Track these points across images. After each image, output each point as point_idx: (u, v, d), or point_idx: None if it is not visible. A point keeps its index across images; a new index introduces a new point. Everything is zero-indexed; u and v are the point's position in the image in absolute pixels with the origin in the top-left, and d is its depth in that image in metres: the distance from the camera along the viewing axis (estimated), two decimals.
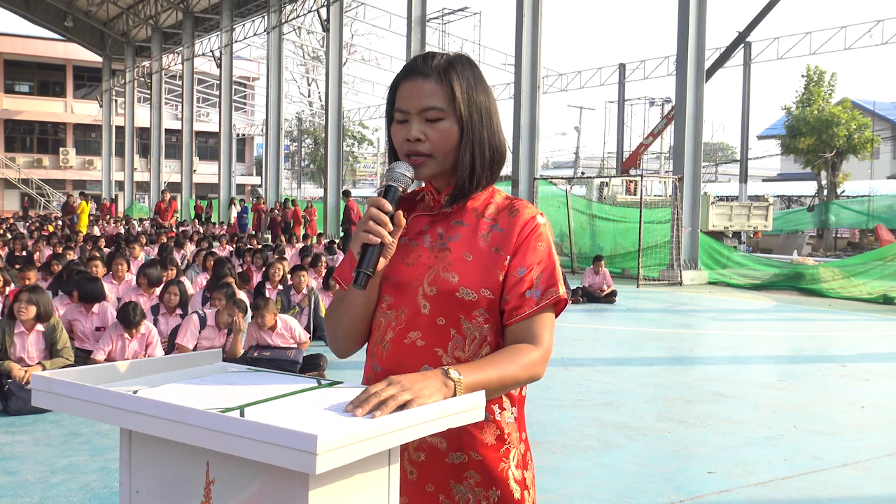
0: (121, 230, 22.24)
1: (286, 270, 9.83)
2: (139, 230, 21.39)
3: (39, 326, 6.01)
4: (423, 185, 1.77)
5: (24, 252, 13.42)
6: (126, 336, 6.38)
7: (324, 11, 25.67)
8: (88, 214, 22.77)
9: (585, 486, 4.36)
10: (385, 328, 1.66)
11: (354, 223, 19.16)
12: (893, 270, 14.12)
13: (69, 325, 6.86)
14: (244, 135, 53.71)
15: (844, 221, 27.82)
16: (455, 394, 1.42)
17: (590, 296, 12.75)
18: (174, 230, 21.69)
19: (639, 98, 46.08)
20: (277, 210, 24.70)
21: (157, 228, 22.36)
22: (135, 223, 26.17)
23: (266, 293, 9.12)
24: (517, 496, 1.64)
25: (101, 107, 41.95)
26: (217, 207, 32.32)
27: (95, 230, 21.51)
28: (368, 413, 1.28)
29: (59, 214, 28.15)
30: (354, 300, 1.66)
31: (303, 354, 7.03)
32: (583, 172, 44.00)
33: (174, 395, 1.36)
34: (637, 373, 7.54)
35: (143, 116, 41.72)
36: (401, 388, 1.34)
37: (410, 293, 1.64)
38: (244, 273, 10.54)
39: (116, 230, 22.26)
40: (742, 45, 26.18)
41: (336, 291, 1.80)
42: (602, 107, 79.57)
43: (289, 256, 13.65)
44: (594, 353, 8.51)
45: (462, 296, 1.61)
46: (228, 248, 15.69)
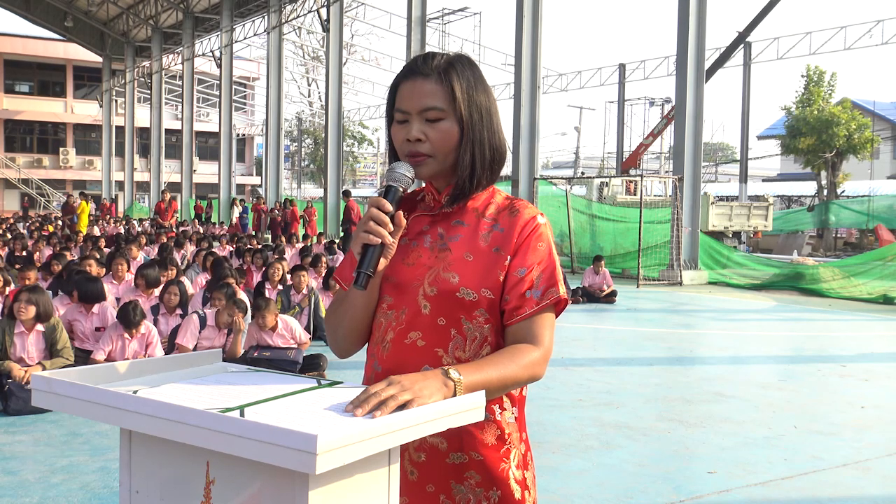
0: (121, 230, 22.24)
1: (286, 270, 9.84)
2: (139, 230, 21.39)
3: (39, 326, 6.01)
4: (424, 186, 1.77)
5: (24, 252, 13.42)
6: (126, 336, 6.38)
7: (324, 11, 25.66)
8: (88, 214, 22.78)
9: (585, 486, 4.36)
10: (385, 328, 1.66)
11: (354, 223, 19.16)
12: (893, 270, 14.12)
13: (69, 325, 6.86)
14: (244, 135, 53.70)
15: (844, 221, 27.82)
16: (455, 394, 1.42)
17: (590, 296, 12.76)
18: (174, 230, 21.69)
19: (639, 98, 46.09)
20: (277, 210, 24.70)
21: (157, 228, 22.36)
22: (135, 223, 26.16)
23: (266, 293, 9.13)
24: (518, 496, 1.64)
25: (101, 107, 41.95)
26: (217, 207, 32.31)
27: (95, 230, 21.50)
28: (368, 413, 1.28)
29: (59, 214, 28.15)
30: (355, 300, 1.66)
31: (303, 355, 7.03)
32: (583, 172, 43.99)
33: (174, 395, 1.36)
34: (637, 373, 7.54)
35: (143, 116, 41.72)
36: (401, 388, 1.34)
37: (411, 293, 1.64)
38: (240, 268, 10.54)
39: (116, 230, 22.26)
40: (742, 45, 26.18)
41: (336, 291, 1.80)
42: (602, 107, 79.62)
43: (289, 256, 13.66)
44: (594, 353, 8.51)
45: (462, 296, 1.61)
46: (228, 248, 15.69)
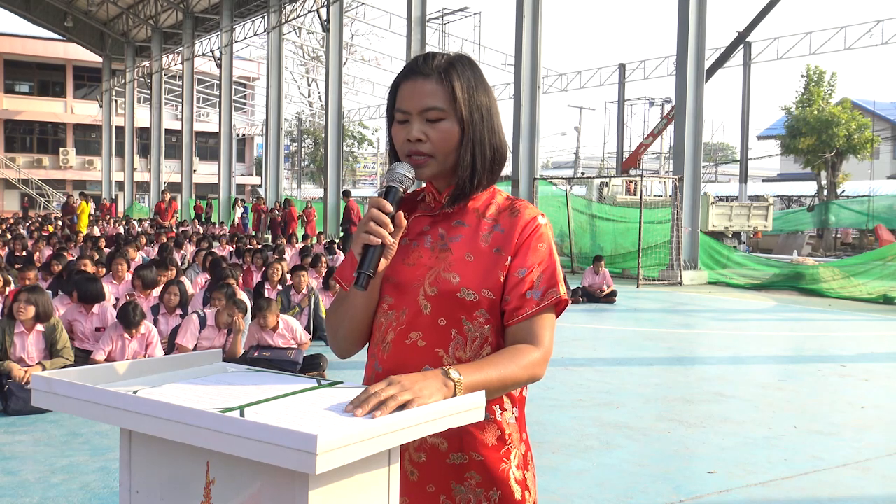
0: (121, 230, 22.24)
1: (285, 271, 9.83)
2: (139, 230, 21.39)
3: (39, 326, 6.01)
4: (424, 186, 1.77)
5: (24, 252, 13.42)
6: (126, 336, 6.38)
7: (324, 11, 25.66)
8: (88, 215, 22.78)
9: (585, 486, 4.36)
10: (386, 329, 1.66)
11: (354, 223, 19.15)
12: (893, 270, 14.12)
13: (69, 326, 6.86)
14: (244, 135, 53.69)
15: (844, 221, 27.82)
16: (455, 394, 1.42)
17: (590, 296, 12.76)
18: (174, 230, 21.69)
19: (639, 98, 46.09)
20: (277, 210, 24.70)
21: (158, 228, 22.37)
22: (135, 223, 26.16)
23: (265, 293, 9.12)
24: (518, 496, 1.64)
25: (101, 107, 41.95)
26: (217, 207, 32.31)
27: (95, 230, 21.50)
28: (368, 413, 1.28)
29: (59, 215, 28.14)
30: (355, 301, 1.66)
31: (303, 355, 7.03)
32: (583, 172, 43.99)
33: (174, 395, 1.35)
34: (637, 373, 7.54)
35: (143, 116, 41.71)
36: (401, 388, 1.33)
37: (411, 294, 1.64)
38: (235, 264, 10.53)
39: (116, 230, 22.26)
40: (742, 45, 26.18)
41: (337, 292, 1.80)
42: (602, 107, 79.57)
43: (289, 256, 13.66)
44: (594, 353, 8.51)
45: (463, 296, 1.60)
46: (228, 248, 15.69)
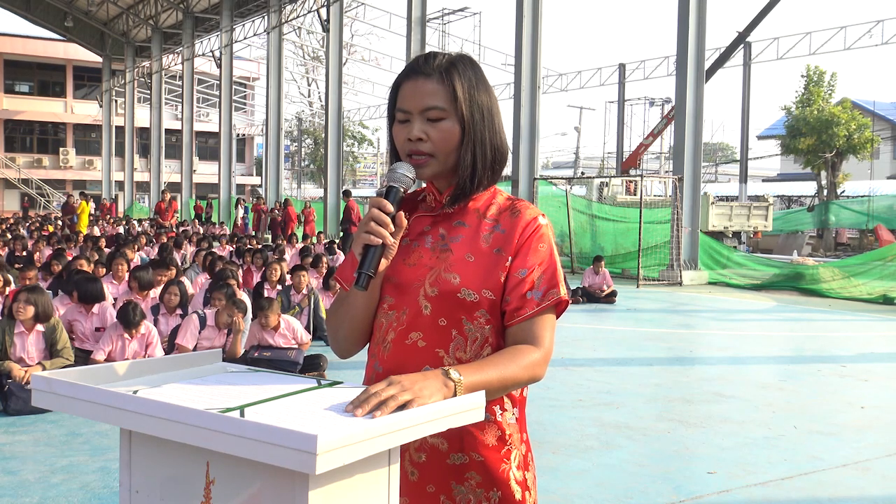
0: (121, 230, 22.24)
1: (284, 271, 9.82)
2: (139, 230, 21.39)
3: (39, 326, 6.01)
4: (425, 186, 1.76)
5: (25, 252, 13.42)
6: (126, 336, 6.38)
7: (324, 11, 25.67)
8: (88, 214, 22.78)
9: (585, 486, 4.36)
10: (386, 329, 1.66)
11: (354, 223, 19.15)
12: (893, 270, 14.12)
13: (69, 326, 6.86)
14: (244, 135, 53.70)
15: (844, 221, 27.82)
16: (455, 394, 1.42)
17: (590, 296, 12.76)
18: (174, 230, 21.69)
19: (639, 98, 46.09)
20: (277, 210, 24.70)
21: (158, 228, 22.37)
22: (135, 223, 26.16)
23: (265, 293, 9.12)
24: (518, 497, 1.63)
25: (101, 107, 41.95)
26: (217, 207, 32.31)
27: (95, 230, 21.51)
28: (368, 413, 1.28)
29: (60, 214, 28.15)
30: (356, 301, 1.66)
31: (303, 355, 7.03)
32: (583, 172, 43.99)
33: (174, 395, 1.35)
34: (637, 373, 7.54)
35: (143, 116, 41.72)
36: (401, 389, 1.33)
37: (412, 294, 1.63)
38: (234, 263, 10.53)
39: (116, 230, 22.26)
40: (742, 45, 26.18)
41: (337, 292, 1.80)
42: (602, 107, 79.49)
43: (289, 257, 13.65)
44: (594, 353, 8.51)
45: (463, 296, 1.60)
46: (228, 248, 15.69)
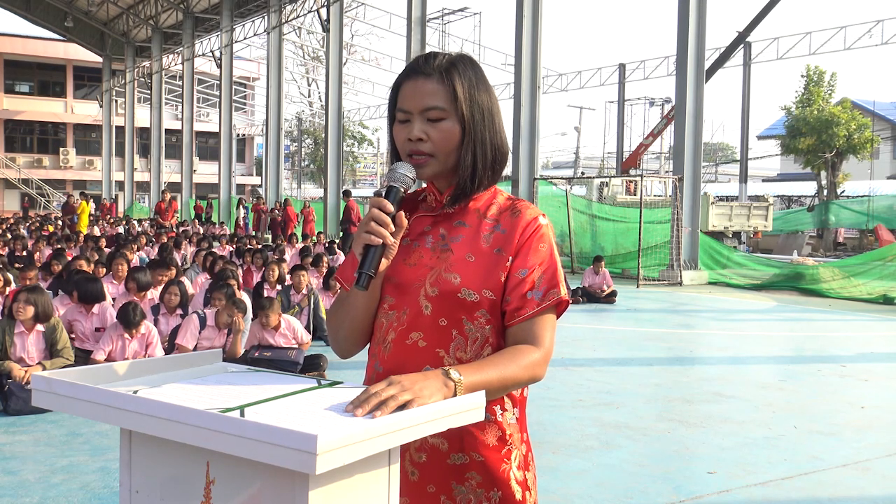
0: (121, 230, 22.23)
1: (284, 271, 9.81)
2: (139, 230, 21.39)
3: (39, 326, 6.01)
4: (425, 186, 1.76)
5: (25, 252, 13.41)
6: (126, 336, 6.38)
7: (324, 11, 25.66)
8: (88, 214, 22.78)
9: (585, 486, 4.36)
10: (387, 329, 1.66)
11: (354, 223, 19.15)
12: (893, 270, 14.12)
13: (69, 326, 6.86)
14: (244, 135, 53.69)
15: (844, 221, 27.82)
16: (455, 394, 1.42)
17: (590, 296, 12.76)
18: (175, 230, 21.69)
19: (639, 98, 46.09)
20: (277, 210, 24.70)
21: (158, 228, 22.37)
22: (135, 223, 26.16)
23: (264, 293, 9.12)
24: (519, 497, 1.63)
25: (102, 107, 41.95)
26: (217, 207, 32.31)
27: (95, 230, 21.51)
28: (368, 413, 1.27)
29: (60, 214, 28.14)
30: (356, 301, 1.66)
31: (303, 355, 7.02)
32: (583, 172, 43.99)
33: (174, 395, 1.35)
34: (637, 373, 7.54)
35: (143, 116, 41.71)
36: (401, 389, 1.33)
37: (412, 294, 1.63)
38: (234, 263, 10.53)
39: (116, 230, 22.26)
40: (742, 45, 26.18)
41: (337, 292, 1.80)
42: (602, 107, 79.46)
43: (289, 257, 13.65)
44: (594, 353, 8.51)
45: (464, 297, 1.60)
46: (228, 248, 15.69)
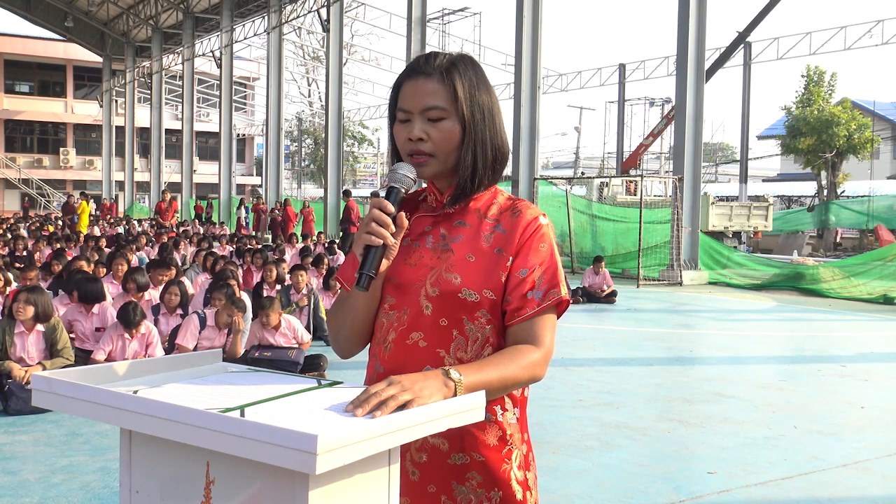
0: (121, 230, 22.23)
1: (282, 271, 9.80)
2: (139, 230, 21.39)
3: (40, 326, 6.01)
4: (426, 186, 1.76)
5: (25, 252, 13.41)
6: (126, 336, 6.38)
7: (324, 12, 25.66)
8: (89, 215, 22.78)
9: (585, 486, 4.36)
10: (387, 329, 1.66)
11: (354, 223, 19.16)
12: (893, 270, 14.12)
13: (69, 326, 6.86)
14: (244, 135, 53.69)
15: (844, 221, 27.83)
16: (455, 394, 1.42)
17: (590, 296, 12.76)
18: (175, 230, 21.69)
19: (639, 98, 46.08)
20: (277, 210, 24.70)
21: (158, 228, 22.37)
22: (135, 223, 26.16)
23: (264, 293, 9.11)
24: (519, 497, 1.63)
25: (102, 107, 41.95)
26: (217, 207, 32.30)
27: (96, 230, 21.51)
28: (368, 413, 1.27)
29: (60, 214, 28.14)
30: (357, 301, 1.66)
31: (304, 355, 7.02)
32: (583, 172, 43.99)
33: (174, 395, 1.35)
34: (637, 373, 7.53)
35: (144, 116, 41.71)
36: (401, 388, 1.33)
37: (413, 294, 1.63)
38: (234, 263, 10.52)
39: (116, 230, 22.26)
40: (742, 45, 26.17)
41: (338, 292, 1.80)
42: (602, 107, 79.44)
43: (289, 257, 13.65)
44: (594, 353, 8.51)
45: (464, 297, 1.60)
46: (228, 248, 15.69)
